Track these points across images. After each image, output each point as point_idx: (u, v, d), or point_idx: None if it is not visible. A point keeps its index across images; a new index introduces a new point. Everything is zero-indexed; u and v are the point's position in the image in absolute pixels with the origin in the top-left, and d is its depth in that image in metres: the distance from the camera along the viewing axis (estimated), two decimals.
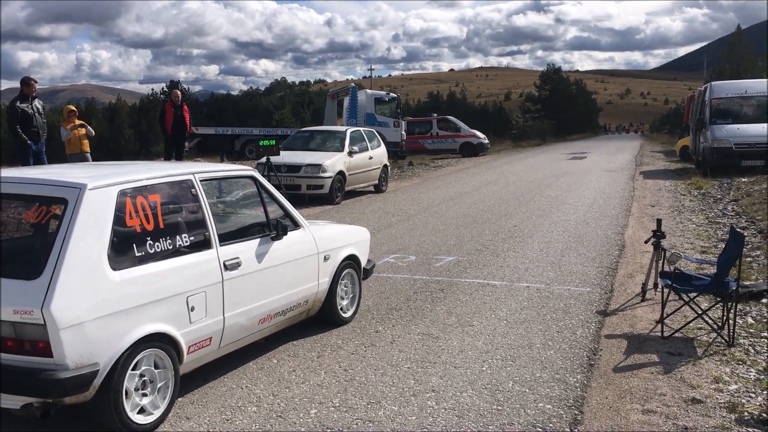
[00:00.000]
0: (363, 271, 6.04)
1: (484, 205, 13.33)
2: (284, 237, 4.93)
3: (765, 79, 23.92)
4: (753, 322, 5.71)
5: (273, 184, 12.78)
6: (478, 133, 33.59)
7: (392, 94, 28.64)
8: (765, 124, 17.68)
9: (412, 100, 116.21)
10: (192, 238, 4.17)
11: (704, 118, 18.74)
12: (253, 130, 29.33)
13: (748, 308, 6.06)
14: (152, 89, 63.86)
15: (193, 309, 4.05)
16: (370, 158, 15.73)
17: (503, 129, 63.48)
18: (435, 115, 37.22)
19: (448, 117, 35.42)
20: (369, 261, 6.23)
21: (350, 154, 14.73)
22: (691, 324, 5.44)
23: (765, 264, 7.73)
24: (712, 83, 20.75)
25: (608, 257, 8.34)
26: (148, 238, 3.88)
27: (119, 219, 3.74)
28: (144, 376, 3.76)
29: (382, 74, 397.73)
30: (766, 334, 5.36)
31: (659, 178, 18.73)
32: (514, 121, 74.02)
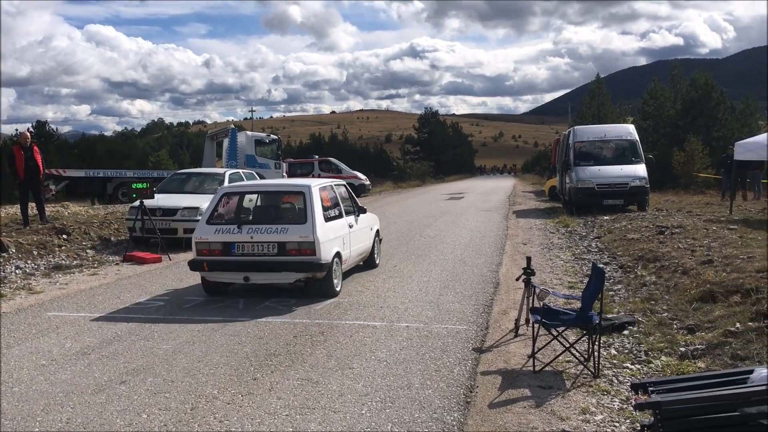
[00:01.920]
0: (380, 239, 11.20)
1: None
2: (362, 215, 10.15)
3: (622, 124, 25.89)
4: (616, 353, 6.04)
5: (147, 229, 12.39)
6: (360, 175, 34.00)
7: (273, 136, 28.51)
8: (622, 166, 19.08)
9: (293, 141, 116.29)
10: (337, 212, 9.19)
11: (569, 160, 19.94)
12: (126, 173, 28.16)
13: (611, 340, 6.41)
14: (16, 129, 60.20)
15: (343, 243, 8.99)
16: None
17: (384, 170, 64.75)
18: (317, 156, 37.37)
19: (330, 159, 35.67)
20: (379, 232, 11.16)
21: None
22: (560, 357, 5.68)
23: (626, 297, 8.25)
24: (575, 128, 22.19)
25: (484, 294, 8.61)
26: (330, 209, 8.91)
27: (321, 200, 8.64)
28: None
29: (264, 116, 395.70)
30: (628, 365, 5.69)
31: (531, 217, 19.66)
32: (394, 162, 75.62)
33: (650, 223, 14.09)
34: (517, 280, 7.17)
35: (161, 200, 13.18)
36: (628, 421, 4.48)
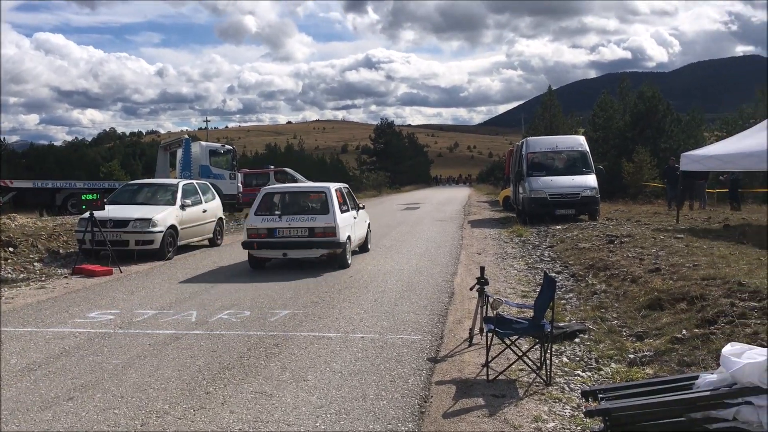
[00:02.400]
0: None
1: None
2: (361, 210, 13.36)
3: (573, 136, 26.41)
4: (567, 361, 6.14)
5: (97, 241, 12.12)
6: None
7: (228, 146, 28.24)
8: (574, 176, 19.45)
9: (249, 151, 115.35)
10: (346, 207, 12.31)
11: (522, 171, 20.26)
12: (76, 183, 27.50)
13: (563, 348, 6.51)
14: None
15: (351, 229, 12.16)
16: (204, 211, 15.34)
17: (340, 181, 64.49)
18: (272, 167, 37.15)
19: (286, 169, 35.49)
20: (369, 224, 14.45)
21: (183, 207, 14.28)
22: (513, 366, 5.74)
23: (577, 305, 8.39)
24: (528, 139, 22.57)
25: (439, 304, 8.66)
26: (342, 205, 12.05)
27: (336, 198, 11.75)
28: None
29: (219, 125, 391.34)
30: (579, 372, 5.79)
31: (485, 227, 19.87)
32: (351, 172, 75.65)
33: (600, 233, 14.38)
34: (471, 289, 7.23)
35: (112, 212, 12.93)
36: (579, 428, 4.55)
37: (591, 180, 19.29)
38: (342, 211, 11.91)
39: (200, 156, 25.76)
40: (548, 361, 5.57)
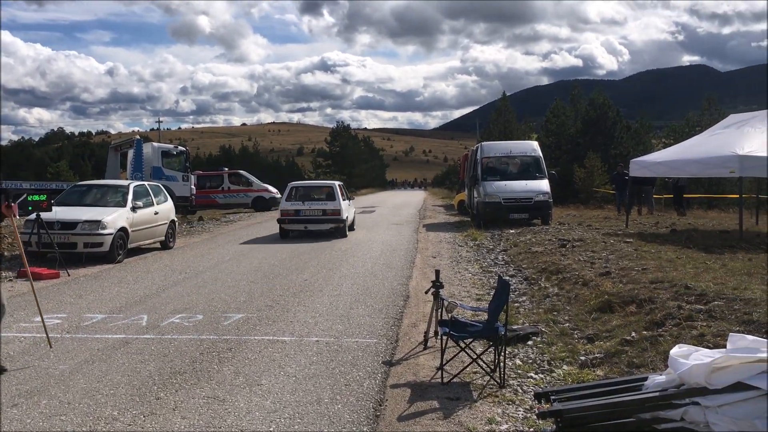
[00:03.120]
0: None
1: (276, 259, 13.29)
2: (351, 201, 20.19)
3: (527, 141, 26.79)
4: (521, 363, 6.21)
5: (43, 243, 11.78)
6: (271, 188, 33.65)
7: (180, 147, 27.83)
8: (527, 181, 19.73)
9: (203, 153, 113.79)
10: (344, 197, 18.56)
11: (477, 175, 20.45)
12: (22, 184, 26.77)
13: (516, 351, 6.59)
14: None
15: (348, 212, 18.52)
16: (156, 213, 15.06)
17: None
18: (226, 169, 36.74)
19: (240, 171, 35.15)
20: (354, 211, 20.65)
21: (133, 209, 13.99)
22: (467, 369, 5.78)
23: (530, 308, 8.50)
24: (483, 143, 22.80)
25: (394, 308, 8.66)
26: (342, 195, 18.20)
27: (339, 190, 18.17)
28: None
29: (172, 126, 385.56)
30: (532, 374, 5.86)
31: (440, 231, 19.99)
32: (306, 175, 75.28)
33: (553, 237, 14.62)
34: (426, 293, 7.25)
35: (60, 213, 12.59)
36: (531, 429, 4.60)
37: (544, 185, 19.58)
38: (342, 200, 17.99)
39: (152, 157, 25.31)
40: (502, 364, 5.62)
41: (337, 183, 18.91)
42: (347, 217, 18.08)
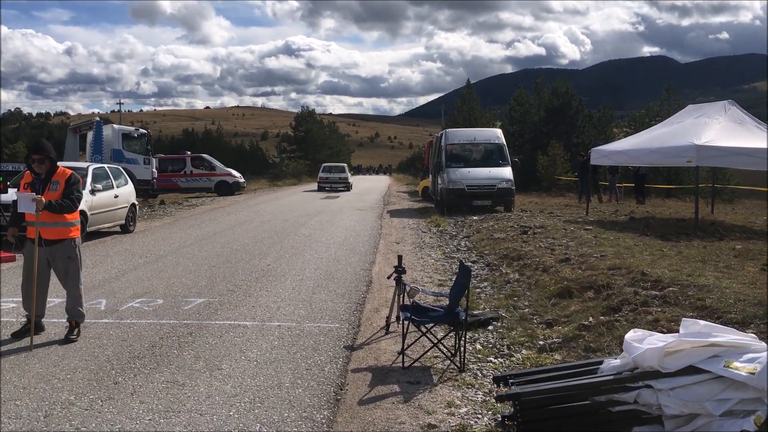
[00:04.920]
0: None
1: (238, 244, 13.19)
2: (351, 173, 47.94)
3: (491, 128, 26.96)
4: (481, 348, 6.29)
5: (0, 226, 11.48)
6: (234, 172, 33.32)
7: (142, 130, 27.31)
8: (491, 168, 19.89)
9: (165, 136, 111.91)
10: (351, 172, 48.23)
11: (441, 162, 20.54)
12: None
13: (477, 335, 6.66)
14: None
15: (351, 180, 42.43)
16: (116, 197, 14.81)
17: (260, 168, 63.84)
18: (189, 153, 36.22)
19: (203, 155, 34.69)
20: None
21: (93, 192, 13.73)
22: (428, 353, 5.83)
23: (491, 294, 8.60)
24: (447, 130, 22.88)
25: (356, 293, 8.68)
26: (349, 171, 44.86)
27: (347, 169, 43.24)
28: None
29: (133, 109, 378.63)
30: (491, 359, 5.93)
31: (404, 217, 20.06)
32: (270, 160, 74.65)
33: (515, 224, 14.78)
34: (388, 278, 7.28)
35: (16, 195, 12.26)
36: (490, 412, 4.67)
37: (507, 172, 19.76)
38: (350, 174, 41.18)
39: (113, 139, 24.82)
40: (462, 348, 5.68)
41: (345, 164, 43.34)
42: (351, 182, 40.45)
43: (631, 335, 4.32)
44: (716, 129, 13.40)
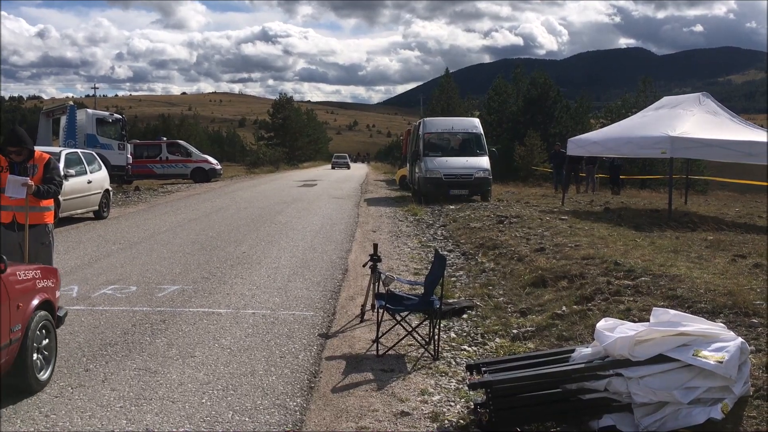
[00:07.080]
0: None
1: (214, 231, 13.09)
2: (350, 159, 74.65)
3: (469, 118, 27.00)
4: (455, 336, 6.32)
5: None
6: (211, 159, 33.03)
7: (117, 115, 26.96)
8: (468, 158, 19.93)
9: (141, 122, 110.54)
10: (351, 161, 74.11)
11: (419, 151, 20.53)
12: None
13: (451, 324, 6.69)
14: None
15: (352, 166, 68.25)
16: (89, 182, 14.61)
17: (237, 155, 63.69)
18: (165, 138, 35.85)
19: (179, 141, 34.36)
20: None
21: (65, 177, 13.50)
22: (402, 341, 5.84)
23: (467, 283, 8.64)
24: (425, 119, 22.86)
25: (332, 281, 8.67)
26: (351, 160, 74.47)
27: (348, 157, 71.42)
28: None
29: (108, 93, 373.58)
30: (465, 347, 5.96)
31: (381, 206, 20.04)
32: (248, 147, 74.15)
33: (492, 213, 14.84)
34: (364, 266, 7.28)
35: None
36: (462, 400, 4.70)
37: (484, 162, 19.81)
38: (351, 162, 67.40)
39: (86, 124, 24.47)
40: (436, 337, 5.70)
41: (346, 154, 68.59)
42: (350, 164, 62.52)
43: (603, 324, 4.36)
44: (691, 121, 13.54)
